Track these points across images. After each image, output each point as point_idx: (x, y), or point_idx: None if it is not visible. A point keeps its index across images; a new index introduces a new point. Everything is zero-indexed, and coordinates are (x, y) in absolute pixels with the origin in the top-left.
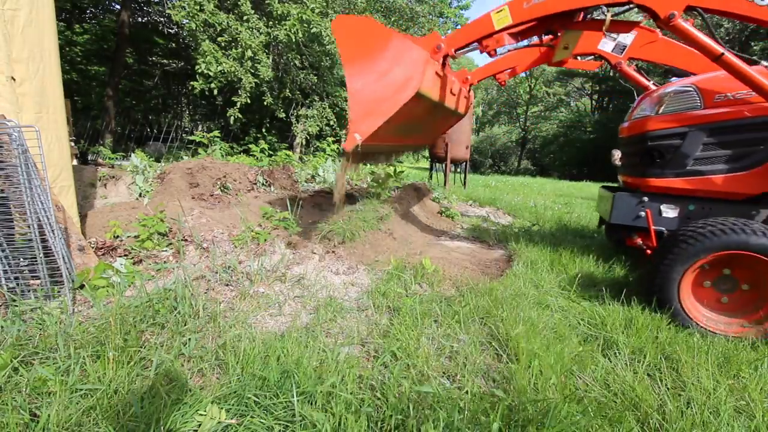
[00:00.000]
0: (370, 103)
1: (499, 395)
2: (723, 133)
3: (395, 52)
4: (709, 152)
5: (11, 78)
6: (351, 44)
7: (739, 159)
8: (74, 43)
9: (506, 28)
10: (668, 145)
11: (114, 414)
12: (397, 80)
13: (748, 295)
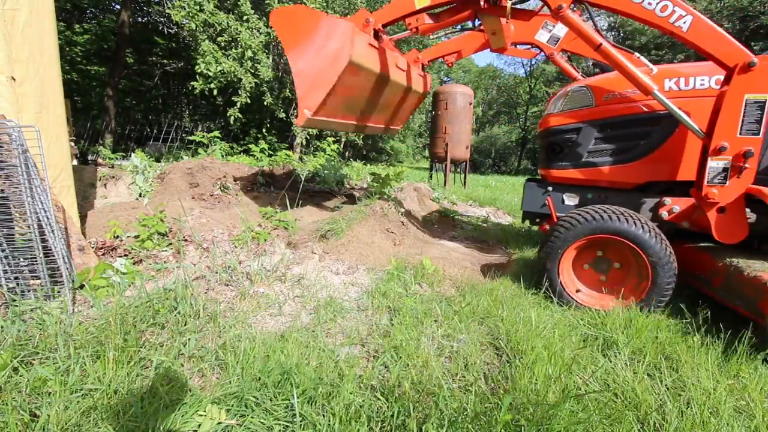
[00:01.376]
0: (312, 78)
1: (500, 395)
2: (610, 128)
3: (327, 29)
4: (600, 146)
5: (11, 78)
6: (288, 31)
7: (624, 151)
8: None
9: (425, 8)
10: (566, 139)
11: (114, 414)
12: (331, 52)
13: (620, 273)
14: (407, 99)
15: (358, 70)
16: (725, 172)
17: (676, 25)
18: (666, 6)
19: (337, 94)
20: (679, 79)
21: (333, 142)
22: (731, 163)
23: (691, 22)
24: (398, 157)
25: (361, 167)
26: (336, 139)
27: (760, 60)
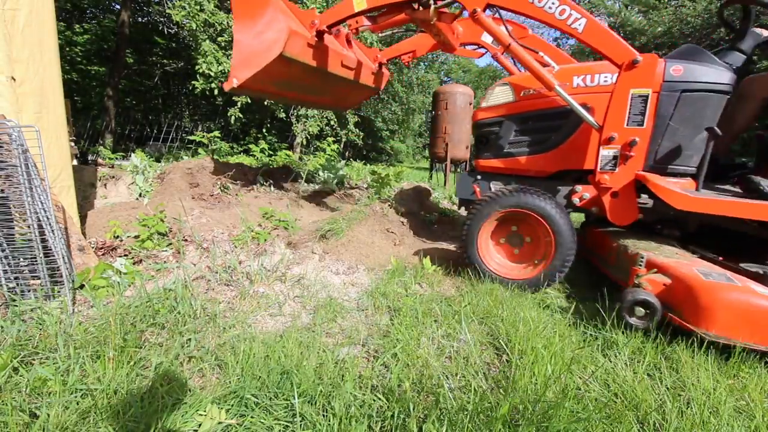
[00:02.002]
0: (246, 55)
1: (501, 394)
2: (527, 121)
3: (269, 19)
4: (519, 137)
5: (11, 78)
6: (240, 6)
7: (540, 143)
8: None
9: (363, 11)
10: (490, 131)
11: (114, 414)
12: (267, 41)
13: (530, 247)
14: (355, 91)
15: (290, 63)
16: (615, 159)
17: (573, 27)
18: (564, 10)
19: (266, 75)
20: (586, 76)
21: (333, 142)
22: (620, 151)
23: (585, 24)
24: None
25: (361, 167)
26: (336, 139)
27: (643, 58)
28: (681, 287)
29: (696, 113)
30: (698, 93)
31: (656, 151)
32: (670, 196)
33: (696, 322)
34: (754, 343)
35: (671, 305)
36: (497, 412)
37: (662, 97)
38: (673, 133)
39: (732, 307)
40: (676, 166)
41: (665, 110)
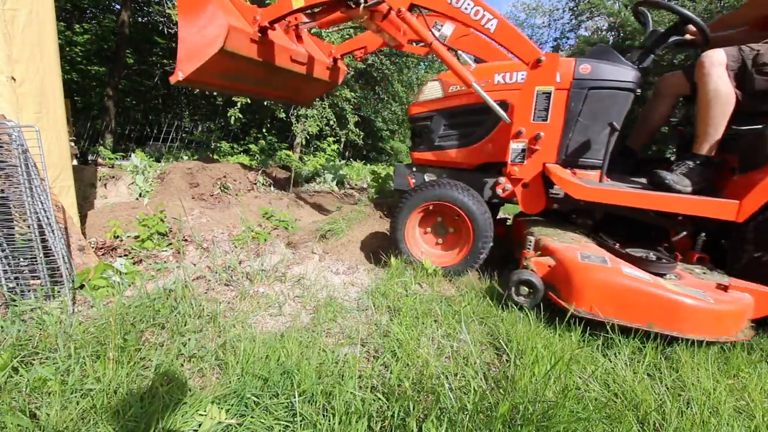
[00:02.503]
0: (190, 50)
1: (500, 394)
2: (454, 116)
3: (210, 15)
4: (447, 131)
5: (11, 78)
6: (184, 3)
7: (466, 136)
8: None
9: (301, 8)
10: (423, 125)
11: (114, 414)
12: (208, 36)
13: (453, 236)
14: (310, 84)
15: (233, 57)
16: (523, 152)
17: (486, 27)
18: (478, 11)
19: (211, 68)
20: (506, 74)
21: (333, 142)
22: (527, 145)
23: (497, 24)
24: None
25: (361, 167)
26: (336, 139)
27: (546, 57)
28: (561, 268)
29: (603, 109)
30: (604, 90)
31: (567, 145)
32: (568, 186)
33: (568, 299)
34: (616, 318)
35: (552, 285)
36: (497, 412)
37: (572, 94)
38: (582, 128)
39: (598, 286)
40: (586, 159)
41: (575, 107)
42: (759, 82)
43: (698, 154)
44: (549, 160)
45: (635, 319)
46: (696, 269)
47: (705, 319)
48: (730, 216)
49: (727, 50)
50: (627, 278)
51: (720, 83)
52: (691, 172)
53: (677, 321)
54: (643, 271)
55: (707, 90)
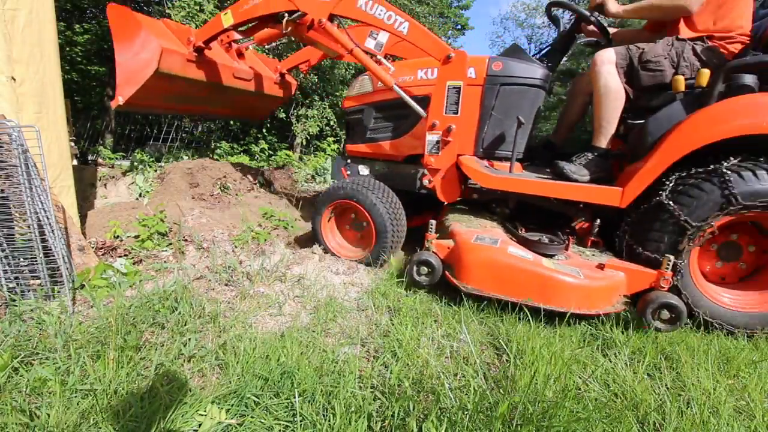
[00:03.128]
0: (127, 74)
1: (500, 394)
2: (383, 110)
3: (143, 40)
4: (377, 124)
5: (11, 78)
6: (118, 28)
7: (393, 129)
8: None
9: (232, 26)
10: (355, 119)
11: (114, 414)
12: (143, 60)
13: (367, 231)
14: (260, 101)
15: (170, 78)
16: (438, 144)
17: (399, 30)
18: (390, 15)
19: (150, 91)
20: (428, 70)
21: (333, 142)
22: (441, 137)
23: (409, 27)
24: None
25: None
26: (336, 139)
27: (455, 54)
28: (456, 249)
29: (513, 105)
30: (515, 86)
31: (483, 138)
32: (475, 175)
33: (459, 277)
34: (499, 294)
35: (449, 265)
36: (497, 412)
37: (485, 90)
38: (496, 122)
39: (483, 264)
40: (501, 152)
41: (488, 102)
42: (645, 77)
43: (596, 147)
44: (466, 151)
45: (515, 294)
46: (587, 252)
47: (575, 294)
48: (615, 202)
49: (617, 49)
50: (509, 257)
51: (610, 80)
52: (589, 162)
53: (550, 296)
54: (531, 252)
55: (599, 86)
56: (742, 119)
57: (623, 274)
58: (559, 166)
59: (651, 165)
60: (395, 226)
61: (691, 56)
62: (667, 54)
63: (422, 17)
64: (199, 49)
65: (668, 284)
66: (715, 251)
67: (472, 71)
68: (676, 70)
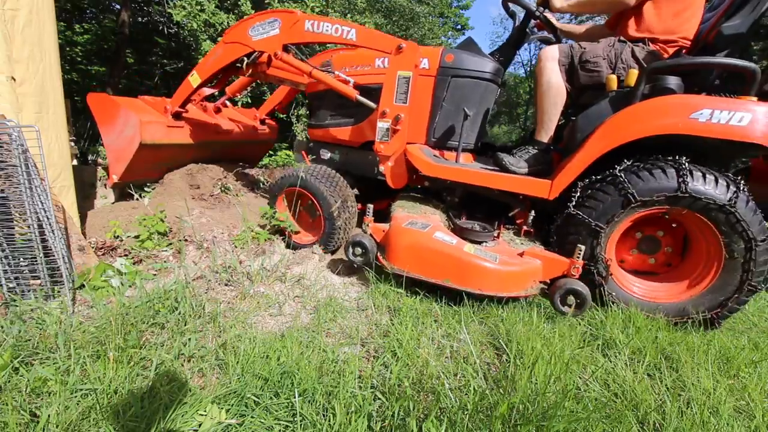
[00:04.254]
0: (116, 152)
1: (500, 394)
2: (342, 96)
3: (124, 118)
4: (336, 110)
5: (11, 78)
6: (100, 113)
7: (351, 116)
8: (74, 43)
9: (201, 84)
10: (317, 104)
11: (114, 414)
12: (127, 137)
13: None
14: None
15: (157, 147)
16: (388, 131)
17: (349, 38)
18: (337, 28)
19: (142, 163)
20: (384, 59)
21: None
22: (390, 125)
23: (356, 32)
24: None
25: None
26: None
27: (406, 45)
28: (389, 233)
29: (463, 96)
30: (464, 78)
31: (435, 129)
32: (417, 162)
33: (387, 258)
34: (421, 275)
35: (382, 247)
36: (497, 411)
37: (438, 81)
38: (446, 113)
39: (409, 247)
40: (452, 142)
41: (440, 92)
42: (582, 76)
43: (537, 141)
44: (418, 140)
45: (435, 275)
46: (518, 240)
47: (490, 278)
48: (544, 194)
49: (561, 47)
50: (432, 241)
51: (552, 76)
52: (530, 157)
53: (467, 278)
54: (455, 237)
55: (542, 82)
56: (658, 119)
57: (539, 261)
58: (499, 158)
59: (577, 160)
60: (341, 213)
61: (629, 58)
62: (606, 55)
63: (422, 17)
64: (176, 114)
65: (578, 272)
66: (636, 242)
67: (425, 62)
68: (613, 70)
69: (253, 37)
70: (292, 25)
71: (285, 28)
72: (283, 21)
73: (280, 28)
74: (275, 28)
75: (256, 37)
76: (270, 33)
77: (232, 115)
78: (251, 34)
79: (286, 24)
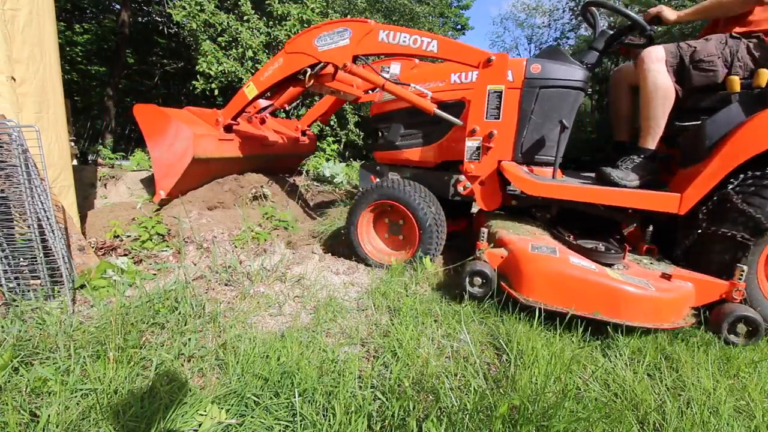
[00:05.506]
0: (165, 167)
1: (500, 394)
2: (413, 116)
3: (175, 131)
4: (407, 131)
5: (11, 78)
6: (148, 125)
7: (425, 136)
8: (74, 43)
9: (257, 96)
10: (384, 126)
11: (114, 414)
12: (178, 151)
13: (407, 233)
14: (289, 160)
15: (207, 161)
16: (478, 150)
17: (429, 50)
18: (416, 39)
19: (190, 178)
20: (461, 73)
21: (333, 142)
22: (482, 143)
23: (438, 44)
24: None
25: None
26: (336, 139)
27: (496, 57)
28: (512, 259)
29: (553, 108)
30: (554, 89)
31: (522, 143)
32: (522, 183)
33: (518, 289)
34: (563, 307)
35: (505, 275)
36: (497, 412)
37: (524, 93)
38: (535, 127)
39: (546, 276)
40: (541, 157)
41: (527, 105)
42: (696, 77)
43: (643, 148)
44: (505, 157)
45: (581, 307)
46: (644, 260)
47: (646, 307)
48: (673, 209)
49: (666, 47)
50: (573, 268)
51: (659, 78)
52: (636, 166)
53: (620, 309)
54: (591, 261)
55: (647, 85)
56: None
57: (692, 285)
58: (605, 172)
59: (712, 170)
60: (438, 228)
61: (745, 55)
62: (720, 53)
63: (422, 17)
64: (228, 127)
65: (741, 296)
66: None
67: (509, 74)
68: (729, 70)
69: (319, 48)
70: (365, 35)
71: (356, 39)
72: (355, 31)
73: (350, 38)
74: (345, 39)
75: (323, 47)
76: (339, 43)
77: (275, 127)
78: (317, 44)
79: (357, 34)
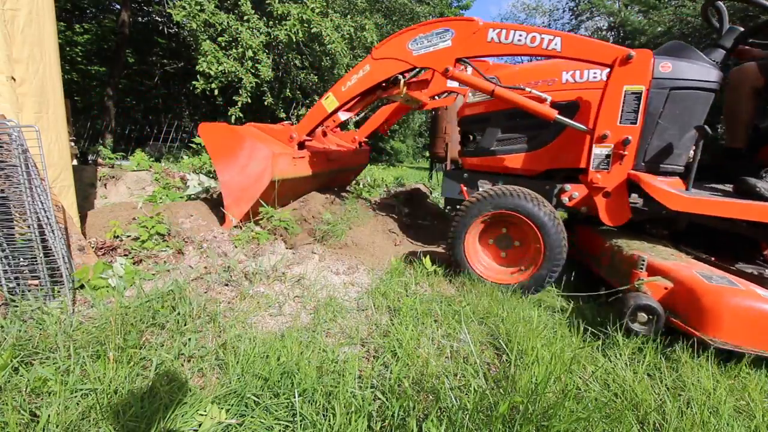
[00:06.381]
0: (237, 192)
1: (500, 394)
2: (515, 118)
3: (249, 151)
4: (506, 135)
5: (11, 78)
6: (216, 145)
7: (528, 141)
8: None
9: (337, 108)
10: (477, 128)
11: (114, 414)
12: (255, 172)
13: (519, 250)
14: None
15: (282, 182)
16: (608, 158)
17: (551, 48)
18: (534, 37)
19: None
20: (575, 72)
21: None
22: (613, 150)
23: (561, 41)
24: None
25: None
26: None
27: (636, 53)
28: (684, 291)
29: (684, 111)
30: (686, 90)
31: (646, 150)
32: (664, 196)
33: (702, 328)
34: (760, 350)
35: (675, 310)
36: (497, 411)
37: (652, 95)
38: (662, 132)
39: (736, 312)
40: (667, 165)
41: (654, 108)
42: None
43: None
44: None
45: None
46: None
47: None
48: None
49: None
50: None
51: None
52: None
53: None
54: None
55: None
56: None
57: None
58: (748, 184)
59: None
60: (564, 248)
61: None
62: None
63: (422, 17)
64: (301, 144)
65: None
66: None
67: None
68: None
69: (414, 52)
70: (470, 35)
71: (460, 39)
72: (458, 31)
73: (453, 39)
74: (446, 40)
75: (419, 51)
76: (439, 46)
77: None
78: (411, 47)
79: (462, 34)
